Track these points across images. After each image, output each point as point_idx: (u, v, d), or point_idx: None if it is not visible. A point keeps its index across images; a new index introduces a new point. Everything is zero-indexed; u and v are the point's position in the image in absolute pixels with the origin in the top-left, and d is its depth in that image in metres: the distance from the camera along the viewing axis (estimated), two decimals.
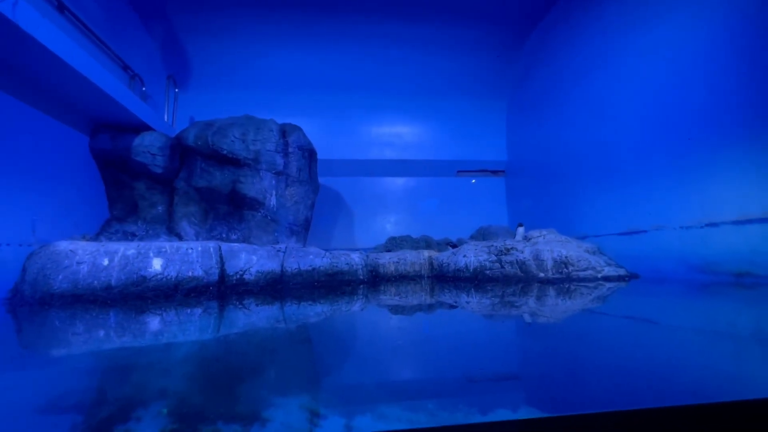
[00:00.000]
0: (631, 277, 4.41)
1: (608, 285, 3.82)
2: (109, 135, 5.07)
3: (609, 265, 4.52)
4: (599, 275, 4.32)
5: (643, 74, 4.65)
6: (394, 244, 7.08)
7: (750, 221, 3.34)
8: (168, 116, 6.85)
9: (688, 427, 0.81)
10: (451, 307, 2.96)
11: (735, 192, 3.50)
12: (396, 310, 2.80)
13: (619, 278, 4.30)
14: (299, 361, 1.55)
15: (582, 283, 3.99)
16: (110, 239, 4.69)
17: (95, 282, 3.49)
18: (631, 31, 4.85)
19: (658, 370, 1.25)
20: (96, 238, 4.64)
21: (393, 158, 8.66)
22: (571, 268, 4.35)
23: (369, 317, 2.59)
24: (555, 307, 2.64)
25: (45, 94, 4.06)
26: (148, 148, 5.07)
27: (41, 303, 3.28)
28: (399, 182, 8.83)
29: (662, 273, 4.24)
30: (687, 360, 1.37)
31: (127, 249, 3.74)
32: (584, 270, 4.34)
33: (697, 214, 3.85)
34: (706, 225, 3.74)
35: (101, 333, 2.19)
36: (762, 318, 2.18)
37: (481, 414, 0.87)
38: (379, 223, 8.57)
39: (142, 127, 5.23)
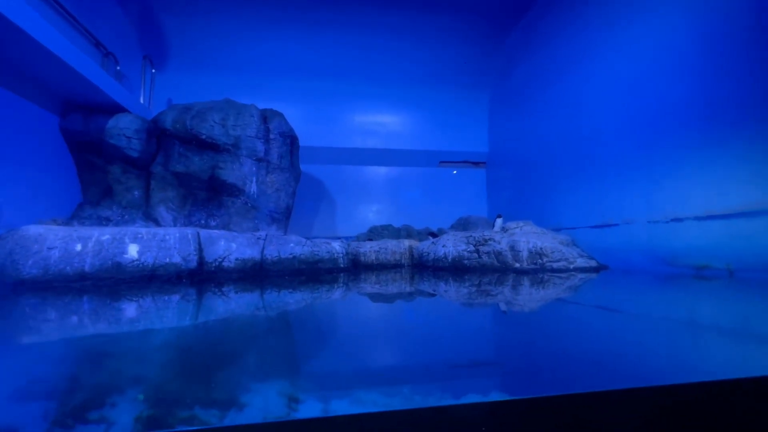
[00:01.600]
0: (601, 268, 4.59)
1: (580, 276, 3.97)
2: (81, 116, 4.86)
3: (581, 256, 4.69)
4: (571, 266, 4.48)
5: (618, 72, 4.78)
6: (375, 233, 7.12)
7: (711, 217, 3.52)
8: (144, 98, 6.60)
9: (644, 406, 0.88)
10: (430, 295, 3.03)
11: (698, 190, 3.68)
12: (375, 298, 2.85)
13: (589, 269, 4.48)
14: (278, 348, 1.57)
15: (555, 274, 4.14)
16: (83, 224, 4.54)
17: (68, 268, 3.39)
18: (610, 30, 4.95)
19: (619, 354, 1.33)
20: (68, 222, 4.48)
21: (376, 147, 8.63)
22: (545, 259, 4.49)
23: (348, 305, 2.63)
24: (528, 297, 2.74)
25: (10, 71, 3.85)
26: (123, 130, 4.90)
27: (10, 290, 3.17)
28: (381, 171, 8.83)
29: (630, 265, 4.43)
30: (644, 345, 1.47)
31: (101, 234, 3.64)
32: (557, 261, 4.49)
33: (664, 210, 4.03)
34: (672, 220, 3.93)
35: (74, 319, 2.15)
36: (715, 307, 2.33)
37: (454, 398, 0.91)
38: (361, 212, 8.58)
39: (116, 109, 5.03)
